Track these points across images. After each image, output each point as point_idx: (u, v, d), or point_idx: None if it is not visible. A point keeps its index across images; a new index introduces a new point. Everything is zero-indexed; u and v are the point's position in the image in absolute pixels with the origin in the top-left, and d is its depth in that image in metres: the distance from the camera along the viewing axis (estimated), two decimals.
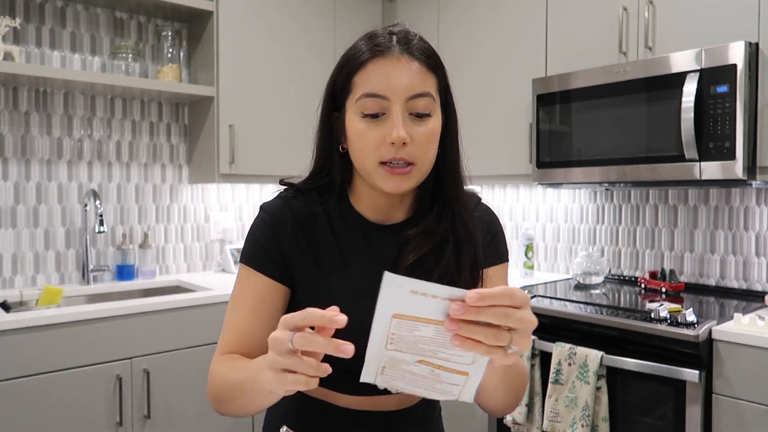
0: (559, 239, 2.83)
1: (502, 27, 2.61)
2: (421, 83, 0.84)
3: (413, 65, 0.84)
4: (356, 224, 0.93)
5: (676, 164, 1.99)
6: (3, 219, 2.33)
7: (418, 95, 0.84)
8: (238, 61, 2.58)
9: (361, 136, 0.85)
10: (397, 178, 0.85)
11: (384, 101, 0.83)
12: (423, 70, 0.85)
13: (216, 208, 2.90)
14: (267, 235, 0.91)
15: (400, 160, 0.84)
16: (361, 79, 0.84)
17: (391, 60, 0.84)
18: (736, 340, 1.69)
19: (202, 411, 2.20)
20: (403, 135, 0.82)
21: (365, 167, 0.86)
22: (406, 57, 0.84)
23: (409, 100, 0.83)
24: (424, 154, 0.85)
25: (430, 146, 0.86)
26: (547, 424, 1.95)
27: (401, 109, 0.83)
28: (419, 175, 0.87)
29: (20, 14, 2.34)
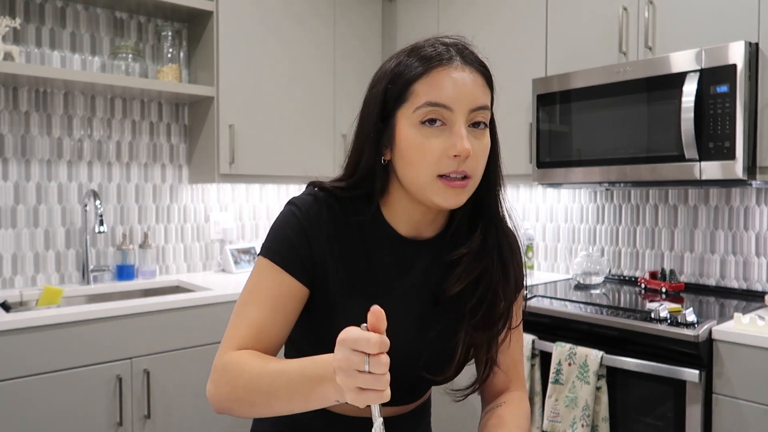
0: (559, 239, 2.84)
1: (502, 27, 2.61)
2: (483, 95, 0.83)
3: (476, 77, 0.83)
4: (388, 239, 0.91)
5: (676, 164, 1.99)
6: (3, 219, 2.33)
7: (480, 107, 0.82)
8: (238, 61, 2.58)
9: (420, 148, 0.81)
10: (454, 191, 0.82)
11: (446, 111, 0.80)
12: (483, 83, 0.84)
13: (216, 208, 2.90)
14: (298, 233, 0.87)
15: (461, 173, 0.81)
16: (423, 87, 0.81)
17: (456, 69, 0.82)
18: (736, 340, 1.69)
19: (202, 411, 2.20)
20: (468, 147, 0.80)
21: (419, 180, 0.83)
22: (470, 68, 0.83)
23: (472, 112, 0.82)
24: (480, 168, 0.84)
25: (485, 160, 0.85)
26: (547, 424, 1.95)
27: (464, 120, 0.81)
28: (472, 189, 0.85)
29: (20, 14, 2.34)
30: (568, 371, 1.94)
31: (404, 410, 0.96)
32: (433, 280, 0.91)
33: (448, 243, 0.92)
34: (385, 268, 0.90)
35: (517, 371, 1.00)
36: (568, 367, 1.94)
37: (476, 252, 0.90)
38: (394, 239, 0.91)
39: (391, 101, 0.84)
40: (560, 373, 1.95)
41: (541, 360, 2.06)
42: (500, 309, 0.91)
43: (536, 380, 2.06)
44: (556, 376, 1.96)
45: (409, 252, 0.91)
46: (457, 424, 2.29)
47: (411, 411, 0.97)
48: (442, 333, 0.90)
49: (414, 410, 0.98)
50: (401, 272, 0.90)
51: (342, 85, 2.92)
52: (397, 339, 0.86)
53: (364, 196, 0.90)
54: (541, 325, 2.10)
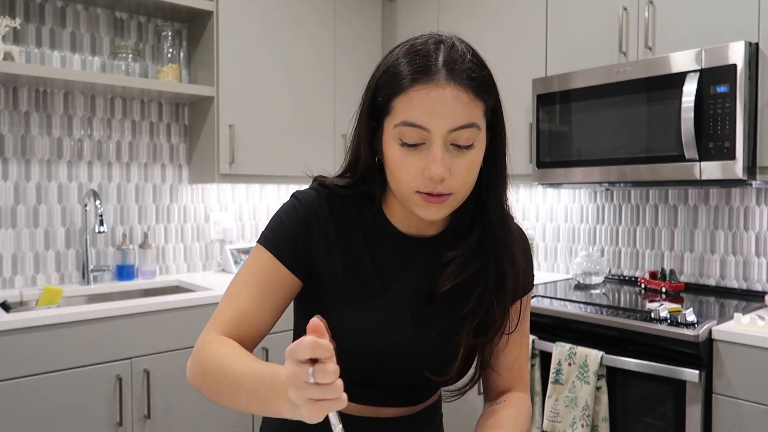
0: (559, 239, 2.84)
1: (502, 27, 2.61)
2: (465, 114, 0.78)
3: (459, 95, 0.77)
4: (390, 237, 0.90)
5: (676, 164, 1.99)
6: (3, 219, 2.33)
7: (461, 127, 0.78)
8: (238, 61, 2.58)
9: (399, 164, 0.80)
10: (434, 206, 0.81)
11: (424, 132, 0.78)
12: (469, 99, 0.78)
13: (216, 208, 2.90)
14: (296, 224, 0.87)
15: (437, 193, 0.80)
16: (402, 105, 0.78)
17: (436, 88, 0.77)
18: (736, 340, 1.69)
19: (202, 411, 2.20)
20: (442, 172, 0.77)
21: (401, 192, 0.83)
22: (453, 85, 0.77)
23: (452, 132, 0.78)
24: (462, 185, 0.81)
25: (470, 177, 0.82)
26: (547, 424, 1.95)
27: (441, 143, 0.78)
28: (456, 204, 0.83)
29: (20, 14, 2.34)
30: (568, 371, 1.94)
31: (412, 411, 0.95)
32: (432, 278, 0.90)
33: (450, 241, 0.91)
34: (386, 265, 0.89)
35: (521, 373, 0.98)
36: (568, 367, 1.94)
37: (471, 252, 0.89)
38: (396, 237, 0.90)
39: (380, 108, 0.83)
40: (560, 373, 1.95)
41: (541, 360, 2.06)
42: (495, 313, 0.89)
43: (536, 380, 2.06)
44: (556, 376, 1.96)
45: (410, 249, 0.90)
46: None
47: (419, 412, 0.96)
48: (444, 332, 0.89)
49: (423, 411, 0.97)
50: (402, 269, 0.90)
51: (342, 85, 2.92)
52: (396, 335, 0.88)
53: (366, 195, 0.90)
54: (541, 325, 2.10)
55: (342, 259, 0.88)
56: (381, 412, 0.92)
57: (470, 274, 0.88)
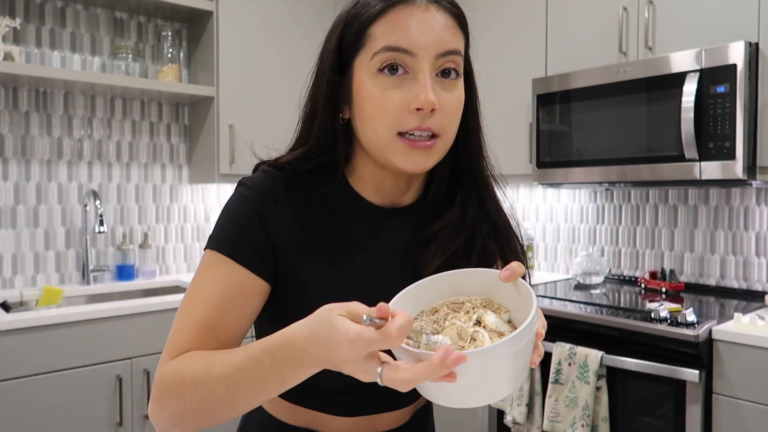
0: (559, 239, 2.83)
1: (502, 27, 2.61)
2: (453, 38, 0.71)
3: (444, 17, 0.71)
4: (360, 211, 0.79)
5: (676, 164, 1.99)
6: (3, 219, 2.33)
7: (449, 52, 0.70)
8: (238, 61, 2.58)
9: (378, 101, 0.70)
10: (419, 153, 0.71)
11: (408, 57, 0.69)
12: (454, 25, 0.72)
13: (216, 208, 2.90)
14: (249, 217, 0.73)
15: (425, 130, 0.70)
16: (381, 29, 0.70)
17: (419, 8, 0.70)
18: (736, 340, 1.69)
19: None
20: (434, 99, 0.68)
21: (378, 140, 0.72)
22: (436, 7, 0.71)
23: (439, 58, 0.70)
24: (450, 126, 0.72)
25: (457, 117, 0.73)
26: (548, 424, 1.95)
27: (429, 68, 0.69)
28: (442, 151, 0.74)
29: (20, 14, 2.34)
30: (568, 371, 1.94)
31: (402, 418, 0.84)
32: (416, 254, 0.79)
33: (428, 212, 0.81)
34: (360, 241, 0.78)
35: None
36: (568, 367, 1.94)
37: (456, 223, 0.79)
38: (367, 210, 0.79)
39: (347, 48, 0.73)
40: (560, 373, 1.95)
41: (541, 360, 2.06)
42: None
43: (536, 380, 2.06)
44: (556, 376, 1.96)
45: (385, 223, 0.80)
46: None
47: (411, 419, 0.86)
48: None
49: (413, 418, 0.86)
50: (379, 245, 0.79)
51: None
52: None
53: (326, 167, 0.78)
54: None
55: (310, 246, 0.75)
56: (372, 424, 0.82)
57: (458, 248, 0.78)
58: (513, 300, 0.66)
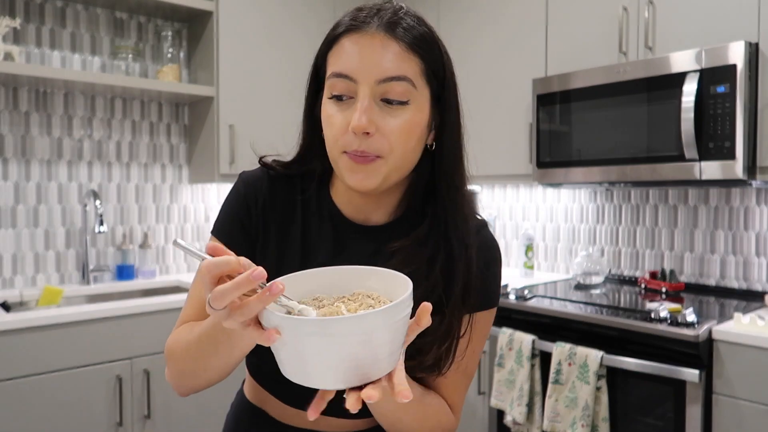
0: (559, 239, 2.83)
1: (502, 27, 2.61)
2: (396, 65, 0.72)
3: (391, 45, 0.72)
4: (330, 219, 0.83)
5: (676, 164, 1.99)
6: (3, 219, 2.33)
7: (391, 79, 0.72)
8: (238, 61, 2.58)
9: (328, 121, 0.75)
10: (360, 169, 0.73)
11: (351, 83, 0.72)
12: (402, 51, 0.73)
13: (216, 208, 2.90)
14: (239, 202, 0.84)
15: (361, 153, 0.73)
16: (333, 56, 0.75)
17: (365, 36, 0.73)
18: (736, 340, 1.69)
19: (202, 411, 2.20)
20: (364, 123, 0.71)
21: (331, 155, 0.77)
22: (383, 35, 0.72)
23: (380, 84, 0.72)
24: (393, 149, 0.73)
25: (403, 140, 0.74)
26: (548, 424, 1.95)
27: (369, 94, 0.72)
28: (386, 171, 0.75)
29: (20, 14, 2.34)
30: (568, 371, 1.94)
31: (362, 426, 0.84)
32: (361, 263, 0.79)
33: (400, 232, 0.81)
34: (319, 248, 0.82)
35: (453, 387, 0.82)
36: (568, 367, 1.94)
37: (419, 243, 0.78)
38: (338, 221, 0.83)
39: (319, 72, 0.80)
40: (560, 373, 1.95)
41: (541, 360, 2.06)
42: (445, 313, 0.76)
43: (536, 380, 2.06)
44: (556, 376, 1.96)
45: (349, 235, 0.82)
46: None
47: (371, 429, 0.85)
48: None
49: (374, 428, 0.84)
50: (336, 255, 0.81)
51: None
52: None
53: (312, 173, 0.85)
54: (541, 325, 2.10)
55: (274, 242, 0.82)
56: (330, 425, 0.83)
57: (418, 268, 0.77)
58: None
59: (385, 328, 0.56)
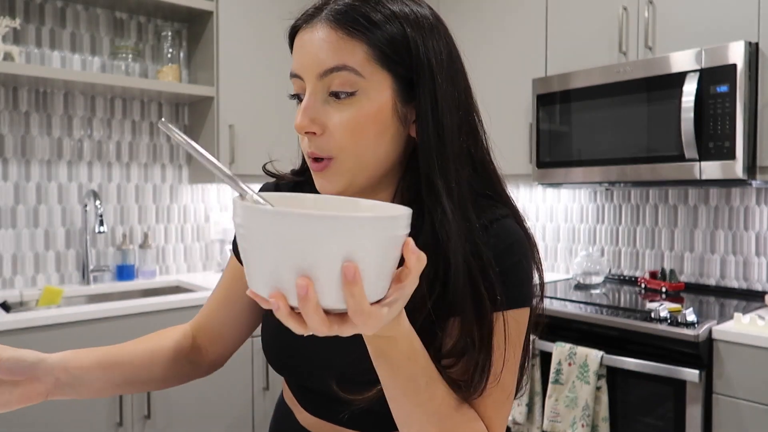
0: (559, 239, 2.83)
1: (502, 27, 2.61)
2: (332, 55, 0.66)
3: (329, 34, 0.66)
4: None
5: (676, 164, 1.99)
6: (3, 219, 2.33)
7: (329, 70, 0.66)
8: (238, 61, 2.58)
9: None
10: (318, 175, 0.69)
11: (301, 81, 0.69)
12: (340, 38, 0.66)
13: (216, 208, 2.90)
14: None
15: (311, 155, 0.68)
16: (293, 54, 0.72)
17: (307, 30, 0.69)
18: (736, 340, 1.69)
19: (202, 411, 2.20)
20: (303, 123, 0.67)
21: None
22: (323, 24, 0.67)
23: (321, 78, 0.66)
24: (343, 146, 0.67)
25: (352, 136, 0.66)
26: (548, 424, 1.95)
27: (311, 90, 0.67)
28: (346, 172, 0.68)
29: (20, 14, 2.34)
30: (568, 371, 1.94)
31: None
32: None
33: None
34: None
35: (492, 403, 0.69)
36: (568, 367, 1.94)
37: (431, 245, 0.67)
38: None
39: None
40: (560, 373, 1.95)
41: (541, 360, 2.06)
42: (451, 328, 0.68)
43: (536, 380, 2.06)
44: (556, 376, 1.96)
45: None
46: None
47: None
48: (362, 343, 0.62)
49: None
50: None
51: None
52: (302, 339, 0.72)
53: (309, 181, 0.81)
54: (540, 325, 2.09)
55: None
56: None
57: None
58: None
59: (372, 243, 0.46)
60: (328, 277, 0.45)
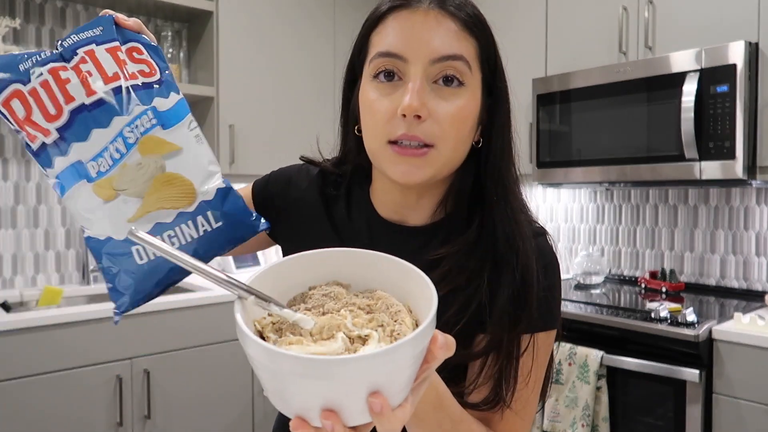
0: (559, 239, 2.83)
1: (502, 27, 2.60)
2: (452, 44, 0.65)
3: (446, 22, 0.65)
4: (367, 220, 0.76)
5: (676, 164, 1.99)
6: (3, 219, 2.33)
7: (446, 57, 0.64)
8: (238, 61, 2.58)
9: (370, 108, 0.67)
10: (407, 161, 0.65)
11: (401, 62, 0.65)
12: (458, 29, 0.66)
13: None
14: (280, 180, 0.85)
15: (412, 138, 0.64)
16: (378, 35, 0.68)
17: (416, 13, 0.66)
18: (736, 340, 1.69)
19: (203, 411, 2.20)
20: (416, 104, 0.63)
21: (372, 147, 0.69)
22: (437, 11, 0.66)
23: (435, 64, 0.64)
24: (446, 136, 0.65)
25: (457, 128, 0.66)
26: (548, 424, 1.96)
27: (421, 74, 0.64)
28: (438, 164, 0.66)
29: (20, 14, 2.34)
30: (568, 371, 1.94)
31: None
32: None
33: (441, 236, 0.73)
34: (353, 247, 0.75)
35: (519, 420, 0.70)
36: (568, 366, 1.94)
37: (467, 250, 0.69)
38: (374, 221, 0.76)
39: (356, 60, 0.73)
40: (560, 373, 1.95)
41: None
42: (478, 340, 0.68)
43: None
44: (557, 376, 1.96)
45: (384, 236, 0.74)
46: None
47: None
48: None
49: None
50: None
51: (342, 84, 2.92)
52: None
53: (357, 171, 0.80)
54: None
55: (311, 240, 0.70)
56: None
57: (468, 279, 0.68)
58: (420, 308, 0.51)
59: (398, 367, 0.44)
60: (354, 408, 0.45)
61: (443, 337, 0.48)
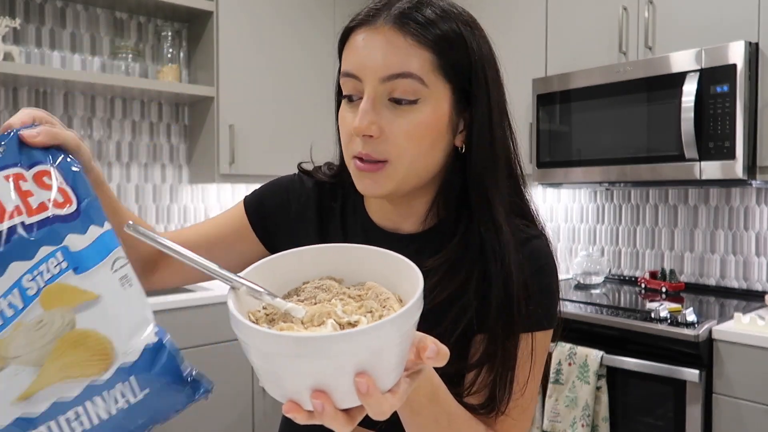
0: (559, 239, 2.84)
1: (502, 27, 2.61)
2: (400, 61, 0.65)
3: (396, 39, 0.66)
4: (363, 228, 0.79)
5: (676, 164, 1.99)
6: None
7: (395, 76, 0.65)
8: (238, 61, 2.58)
9: (341, 124, 0.71)
10: (367, 176, 0.68)
11: (358, 82, 0.67)
12: (409, 44, 0.66)
13: (216, 208, 2.90)
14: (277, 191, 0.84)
15: (366, 156, 0.67)
16: (345, 52, 0.70)
17: (371, 31, 0.67)
18: (736, 340, 1.69)
19: (203, 411, 2.20)
20: (362, 126, 0.65)
21: (345, 161, 0.72)
22: (389, 27, 0.66)
23: (384, 82, 0.66)
24: (401, 152, 0.67)
25: (414, 143, 0.67)
26: (548, 424, 1.96)
27: (372, 93, 0.66)
28: (397, 177, 0.68)
29: (20, 14, 2.34)
30: (568, 371, 1.94)
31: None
32: None
33: (433, 242, 0.74)
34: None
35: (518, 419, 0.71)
36: (568, 367, 1.94)
37: (455, 258, 0.71)
38: (369, 229, 0.79)
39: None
40: (560, 373, 1.95)
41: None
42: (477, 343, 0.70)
43: None
44: (557, 376, 1.96)
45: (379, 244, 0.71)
46: None
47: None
48: None
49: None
50: None
51: None
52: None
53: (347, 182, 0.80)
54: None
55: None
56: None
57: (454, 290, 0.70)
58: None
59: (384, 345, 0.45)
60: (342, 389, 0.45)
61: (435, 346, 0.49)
